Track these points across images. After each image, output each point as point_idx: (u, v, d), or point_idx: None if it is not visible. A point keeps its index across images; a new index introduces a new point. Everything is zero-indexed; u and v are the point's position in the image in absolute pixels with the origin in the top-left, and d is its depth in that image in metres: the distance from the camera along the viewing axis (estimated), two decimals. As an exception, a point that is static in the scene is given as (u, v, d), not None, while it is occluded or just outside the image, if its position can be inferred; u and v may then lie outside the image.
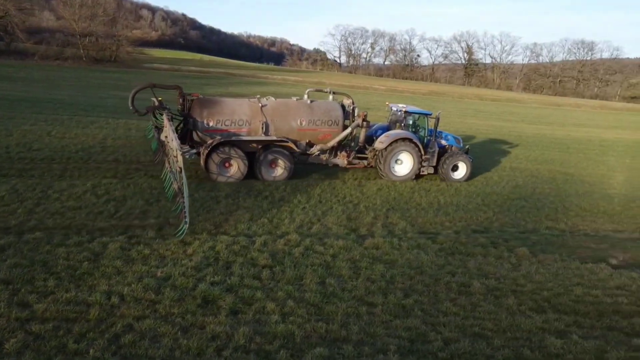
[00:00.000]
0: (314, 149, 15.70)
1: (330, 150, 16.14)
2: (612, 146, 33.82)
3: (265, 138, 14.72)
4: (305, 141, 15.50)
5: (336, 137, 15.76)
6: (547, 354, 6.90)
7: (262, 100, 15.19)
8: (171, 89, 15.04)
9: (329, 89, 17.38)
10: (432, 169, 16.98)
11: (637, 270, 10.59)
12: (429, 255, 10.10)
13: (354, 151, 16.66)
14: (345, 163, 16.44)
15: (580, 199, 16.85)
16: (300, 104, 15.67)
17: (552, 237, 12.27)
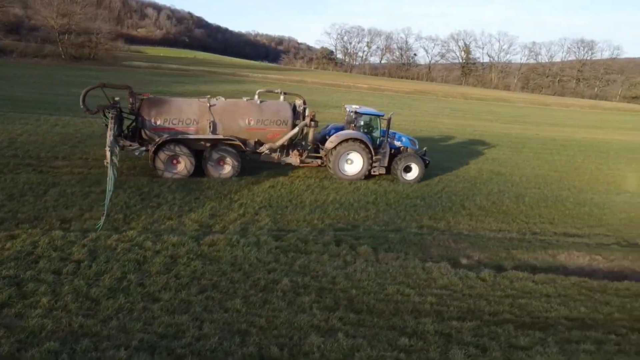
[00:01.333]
0: (263, 148, 16.01)
1: (281, 149, 16.45)
2: (574, 146, 33.43)
3: (211, 136, 15.11)
4: (254, 140, 15.84)
5: (284, 136, 15.99)
6: (297, 352, 6.85)
7: (212, 100, 15.54)
8: (121, 88, 15.34)
9: (279, 90, 17.62)
10: (383, 170, 17.17)
11: (481, 269, 10.47)
12: (260, 253, 10.06)
13: (306, 150, 16.96)
14: (297, 162, 16.78)
15: (486, 198, 16.69)
16: (250, 104, 16.03)
17: (414, 235, 12.16)
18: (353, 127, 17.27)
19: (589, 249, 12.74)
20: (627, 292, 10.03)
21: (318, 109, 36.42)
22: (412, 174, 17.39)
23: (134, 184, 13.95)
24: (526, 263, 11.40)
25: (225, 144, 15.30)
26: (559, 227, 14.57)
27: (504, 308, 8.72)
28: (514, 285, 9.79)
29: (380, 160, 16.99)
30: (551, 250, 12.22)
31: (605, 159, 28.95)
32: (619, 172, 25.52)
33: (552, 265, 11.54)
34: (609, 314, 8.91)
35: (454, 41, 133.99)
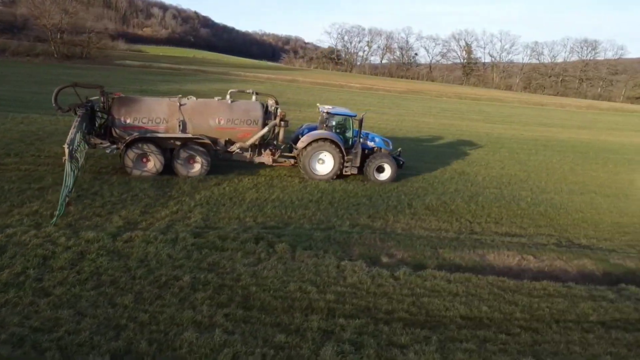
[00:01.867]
0: (234, 147, 16.20)
1: (253, 148, 16.67)
2: (555, 146, 33.32)
3: (179, 135, 15.35)
4: (224, 139, 16.05)
5: (255, 135, 16.16)
6: (166, 347, 6.90)
7: (182, 100, 15.80)
8: (93, 87, 15.68)
9: (251, 90, 17.80)
10: (355, 170, 17.31)
11: (399, 268, 10.45)
12: (173, 250, 10.12)
13: (279, 150, 17.16)
14: (270, 161, 17.03)
15: (438, 198, 16.64)
16: (220, 103, 16.21)
17: (341, 234, 12.16)
18: (325, 127, 17.41)
19: (523, 248, 12.69)
20: (541, 292, 9.99)
21: (302, 108, 36.82)
22: (385, 174, 17.55)
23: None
24: (451, 262, 11.38)
25: (194, 143, 15.50)
26: (503, 227, 14.51)
27: (403, 306, 8.72)
28: (424, 284, 9.77)
29: (352, 160, 17.13)
30: (481, 250, 12.17)
31: (583, 160, 28.81)
32: (592, 172, 25.43)
33: (479, 264, 11.52)
34: (510, 313, 8.89)
35: (455, 41, 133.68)
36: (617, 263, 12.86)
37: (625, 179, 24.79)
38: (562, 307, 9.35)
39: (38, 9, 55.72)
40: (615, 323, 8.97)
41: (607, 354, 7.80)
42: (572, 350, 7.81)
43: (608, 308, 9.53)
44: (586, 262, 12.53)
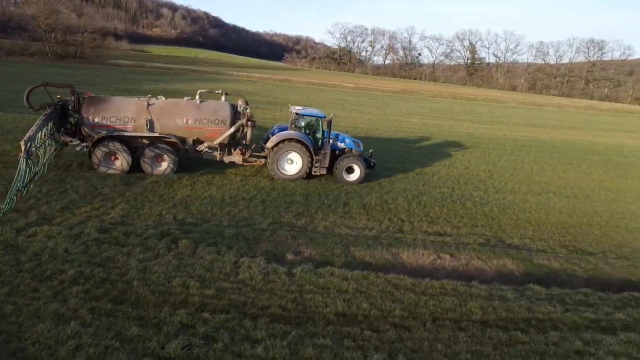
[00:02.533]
0: (202, 146, 16.56)
1: (223, 148, 17.00)
2: (534, 146, 33.05)
3: (145, 134, 15.78)
4: (192, 138, 16.40)
5: (222, 135, 16.47)
6: (14, 339, 7.03)
7: (151, 99, 16.25)
8: (63, 87, 16.11)
9: (221, 90, 18.10)
10: (324, 170, 17.53)
11: (299, 265, 10.50)
12: (72, 245, 10.27)
13: (249, 149, 17.47)
14: (240, 160, 17.31)
15: (380, 197, 16.64)
16: (189, 103, 16.60)
17: (254, 231, 12.24)
18: (295, 128, 17.70)
19: (443, 248, 12.66)
20: (436, 291, 9.98)
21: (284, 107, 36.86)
22: (354, 175, 17.74)
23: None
24: (360, 260, 11.41)
25: (161, 142, 15.95)
26: (435, 227, 14.48)
27: (281, 302, 8.78)
28: (317, 281, 9.81)
29: (321, 160, 17.34)
30: (396, 248, 12.17)
31: (557, 160, 28.54)
32: (562, 173, 25.19)
33: (389, 262, 11.53)
34: (390, 310, 8.90)
35: (458, 41, 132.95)
36: (541, 263, 12.78)
37: (595, 179, 24.56)
38: (448, 305, 9.33)
39: (32, 8, 56.44)
40: (497, 322, 8.93)
41: (469, 352, 7.78)
42: (434, 348, 7.80)
43: (498, 307, 9.49)
44: (507, 262, 12.47)
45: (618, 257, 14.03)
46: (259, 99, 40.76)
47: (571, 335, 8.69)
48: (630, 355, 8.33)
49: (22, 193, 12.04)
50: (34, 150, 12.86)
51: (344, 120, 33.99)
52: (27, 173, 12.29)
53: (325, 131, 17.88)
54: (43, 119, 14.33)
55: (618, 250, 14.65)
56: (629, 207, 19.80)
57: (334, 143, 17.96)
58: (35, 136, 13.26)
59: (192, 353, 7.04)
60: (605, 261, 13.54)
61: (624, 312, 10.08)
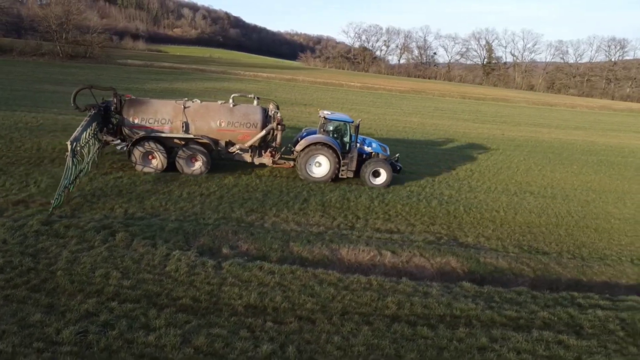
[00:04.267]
0: (234, 148, 17.31)
1: (253, 149, 17.76)
2: (530, 146, 32.78)
3: (181, 135, 16.66)
4: (225, 140, 17.17)
5: (254, 137, 17.21)
6: None
7: (187, 102, 17.17)
8: (106, 90, 17.21)
9: (253, 95, 19.01)
10: (351, 173, 18.03)
11: (230, 259, 10.75)
12: (12, 236, 10.70)
13: (279, 152, 18.19)
14: (270, 162, 18.06)
15: (342, 196, 16.74)
16: (222, 107, 17.35)
17: (195, 226, 12.49)
18: (323, 132, 18.20)
19: (386, 245, 12.74)
20: (358, 286, 10.08)
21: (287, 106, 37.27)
22: (381, 178, 18.11)
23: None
24: (297, 255, 11.61)
25: (195, 143, 16.75)
26: (390, 224, 14.54)
27: (195, 294, 9.04)
28: (242, 275, 10.04)
29: (347, 164, 17.82)
30: (337, 244, 12.31)
31: (549, 160, 28.18)
32: (550, 173, 24.89)
33: (326, 258, 11.71)
34: (302, 304, 9.07)
35: (475, 40, 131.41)
36: (487, 262, 12.78)
37: (582, 180, 24.19)
38: (365, 300, 9.45)
39: (44, 9, 58.09)
40: (409, 317, 9.02)
41: (365, 345, 7.91)
42: (330, 340, 7.94)
43: (416, 303, 9.57)
44: (450, 260, 12.51)
45: (574, 257, 13.91)
46: (268, 99, 41.29)
47: (480, 332, 8.72)
48: (536, 353, 8.33)
49: (69, 190, 13.12)
50: (79, 150, 13.91)
51: None
52: (73, 171, 13.35)
53: (353, 135, 18.36)
54: (88, 120, 15.32)
55: (577, 250, 14.52)
56: (607, 208, 19.50)
57: (361, 147, 18.44)
58: (80, 136, 14.23)
59: (85, 339, 7.34)
60: (558, 261, 13.45)
61: (550, 310, 10.05)
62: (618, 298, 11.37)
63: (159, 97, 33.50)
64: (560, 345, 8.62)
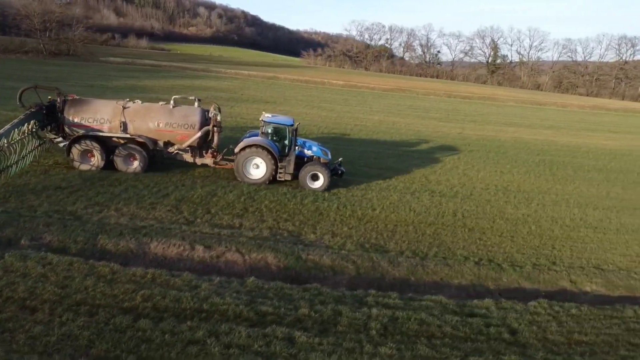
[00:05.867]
0: (172, 149, 17.87)
1: (194, 150, 18.16)
2: (481, 144, 32.45)
3: (117, 134, 17.17)
4: (164, 141, 17.69)
5: (191, 138, 17.61)
6: None
7: (127, 103, 17.72)
8: (51, 89, 17.98)
9: (194, 97, 19.38)
10: (289, 176, 18.13)
11: (27, 250, 10.93)
12: None
13: (221, 153, 18.57)
14: (212, 163, 18.45)
15: (211, 191, 16.76)
16: (162, 108, 17.86)
17: (6, 216, 12.66)
18: (263, 134, 18.36)
19: (204, 239, 12.73)
20: (126, 278, 10.13)
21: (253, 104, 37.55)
22: (319, 182, 18.14)
23: None
24: (101, 248, 11.77)
25: (133, 142, 17.22)
26: (235, 220, 14.48)
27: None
28: (14, 265, 10.16)
29: (285, 167, 17.94)
30: (149, 238, 12.36)
31: (485, 160, 27.82)
32: (476, 172, 24.48)
33: (130, 251, 11.85)
34: (38, 293, 9.14)
35: (479, 38, 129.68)
36: (310, 259, 12.72)
37: (503, 179, 23.70)
38: (109, 292, 9.48)
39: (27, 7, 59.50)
40: (147, 310, 9.02)
41: (63, 335, 7.95)
42: (30, 329, 8.01)
43: (165, 295, 9.55)
44: (268, 257, 12.47)
45: (414, 256, 13.68)
46: (224, 95, 41.75)
47: (206, 326, 8.67)
48: (250, 348, 8.24)
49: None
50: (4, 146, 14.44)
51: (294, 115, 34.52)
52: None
53: (293, 138, 18.41)
54: (22, 118, 15.95)
55: (426, 250, 14.29)
56: (504, 208, 19.13)
57: (301, 150, 18.54)
58: (6, 133, 14.83)
59: None
60: (392, 260, 13.27)
61: (317, 307, 9.91)
62: (414, 297, 11.15)
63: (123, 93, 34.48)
64: (284, 341, 8.50)
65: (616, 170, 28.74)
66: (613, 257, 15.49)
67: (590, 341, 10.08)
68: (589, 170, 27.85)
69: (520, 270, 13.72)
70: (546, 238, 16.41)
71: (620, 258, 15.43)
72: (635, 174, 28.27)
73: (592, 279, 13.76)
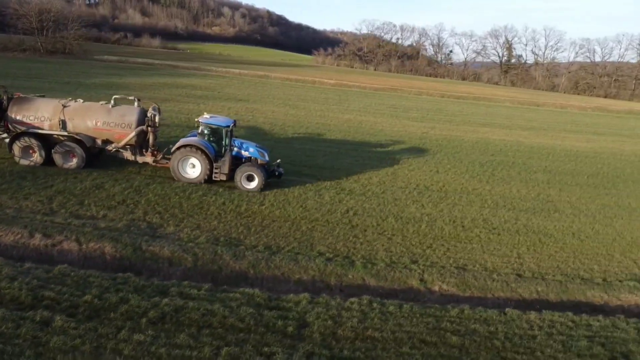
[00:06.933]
0: (110, 147, 18.53)
1: (133, 149, 18.79)
2: (438, 145, 32.19)
3: (52, 132, 17.89)
4: (102, 139, 18.38)
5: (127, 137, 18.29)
6: None
7: (69, 102, 18.43)
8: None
9: (134, 97, 20.01)
10: (224, 176, 18.52)
11: None
12: None
13: (160, 152, 19.19)
14: (152, 161, 19.04)
15: (99, 184, 17.26)
16: (101, 107, 18.53)
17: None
18: (201, 135, 18.91)
19: (47, 228, 13.17)
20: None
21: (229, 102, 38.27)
22: (254, 183, 18.49)
23: None
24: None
25: (71, 140, 17.95)
26: (102, 212, 14.91)
27: None
28: None
29: (220, 167, 18.37)
30: (3, 227, 12.87)
31: (429, 160, 27.70)
32: (408, 172, 24.38)
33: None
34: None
35: (493, 37, 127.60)
36: (149, 250, 13.06)
37: (431, 179, 23.56)
38: None
39: (26, 6, 61.73)
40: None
41: None
42: None
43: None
44: (106, 247, 12.89)
45: (264, 251, 13.80)
46: (198, 93, 42.63)
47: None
48: None
49: None
50: None
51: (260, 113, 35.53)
52: None
53: (234, 139, 18.95)
54: None
55: (283, 244, 14.38)
56: (406, 206, 19.12)
57: (238, 151, 18.95)
58: None
59: None
60: (238, 253, 13.44)
61: (109, 295, 10.19)
62: (227, 290, 11.33)
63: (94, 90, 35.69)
64: (38, 324, 8.83)
65: (566, 172, 28.11)
66: (490, 258, 15.28)
67: (377, 337, 10.05)
68: (536, 172, 27.32)
69: (372, 267, 13.68)
70: (430, 237, 16.30)
71: (496, 259, 15.20)
72: (586, 176, 27.55)
73: (445, 279, 13.62)
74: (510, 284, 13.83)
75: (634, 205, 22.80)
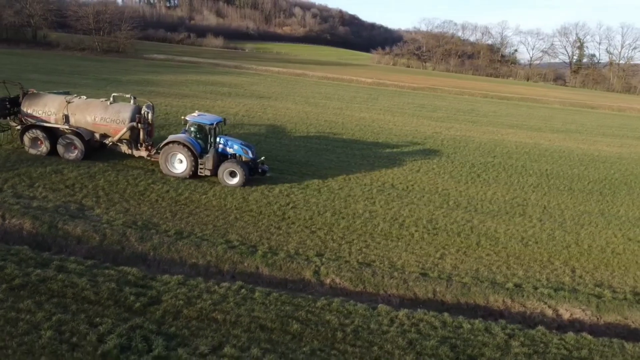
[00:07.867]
0: (107, 141, 20.27)
1: (129, 143, 20.61)
2: (430, 143, 31.59)
3: (54, 125, 19.91)
4: (100, 134, 20.17)
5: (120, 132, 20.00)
6: None
7: (73, 98, 20.44)
8: (14, 84, 21.09)
9: (130, 95, 21.88)
10: (209, 172, 19.65)
11: None
12: None
13: (154, 147, 20.85)
14: (146, 155, 20.57)
15: (80, 174, 18.95)
16: (101, 104, 20.32)
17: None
18: (188, 132, 20.22)
19: None
20: None
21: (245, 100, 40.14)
22: (236, 179, 19.50)
23: None
24: None
25: (71, 133, 19.87)
26: (56, 194, 16.37)
27: None
28: None
29: (205, 163, 19.62)
30: None
31: (424, 158, 27.25)
32: (379, 171, 24.22)
33: None
34: None
35: (562, 36, 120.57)
36: (64, 228, 14.25)
37: (410, 178, 23.42)
38: None
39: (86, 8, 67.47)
40: None
41: None
42: None
43: None
44: (25, 223, 14.22)
45: (174, 235, 14.61)
46: (223, 90, 44.60)
47: None
48: None
49: None
50: None
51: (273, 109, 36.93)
52: None
53: (221, 136, 20.38)
54: None
55: (197, 231, 15.10)
56: (351, 203, 19.16)
57: (223, 148, 20.13)
58: None
59: None
60: (144, 236, 14.35)
61: None
62: (108, 267, 12.19)
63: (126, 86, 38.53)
64: None
65: (567, 176, 26.96)
66: (407, 256, 15.19)
67: (218, 318, 10.50)
68: (530, 175, 26.26)
69: (271, 257, 14.05)
70: (356, 233, 16.39)
71: (412, 258, 15.08)
72: (587, 181, 26.02)
73: (341, 273, 13.74)
74: (409, 282, 13.69)
75: (621, 213, 21.30)
